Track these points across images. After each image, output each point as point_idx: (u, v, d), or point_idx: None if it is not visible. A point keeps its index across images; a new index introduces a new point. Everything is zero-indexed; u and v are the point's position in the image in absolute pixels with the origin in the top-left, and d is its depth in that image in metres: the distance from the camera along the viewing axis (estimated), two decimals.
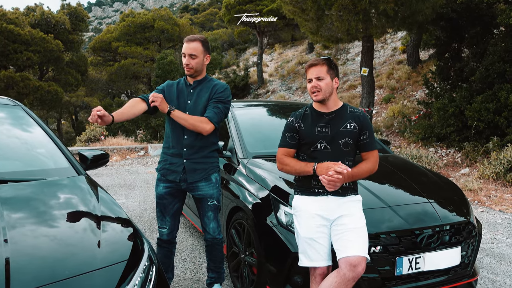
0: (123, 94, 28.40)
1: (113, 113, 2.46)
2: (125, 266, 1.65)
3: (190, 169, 2.70)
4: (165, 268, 2.88)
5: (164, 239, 2.85)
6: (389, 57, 18.05)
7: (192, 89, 2.74)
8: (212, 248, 2.88)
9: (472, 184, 6.57)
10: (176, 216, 2.84)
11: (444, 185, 3.24)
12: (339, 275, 2.17)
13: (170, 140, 2.75)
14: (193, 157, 2.70)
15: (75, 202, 2.08)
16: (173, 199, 2.80)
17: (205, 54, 2.70)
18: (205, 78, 2.78)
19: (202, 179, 2.72)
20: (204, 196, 2.75)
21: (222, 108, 2.67)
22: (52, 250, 1.64)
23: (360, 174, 2.32)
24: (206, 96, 2.69)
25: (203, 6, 72.67)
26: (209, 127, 2.60)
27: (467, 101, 8.04)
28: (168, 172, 2.75)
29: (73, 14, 22.99)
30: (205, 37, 2.80)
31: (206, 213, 2.78)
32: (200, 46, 2.66)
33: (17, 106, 3.05)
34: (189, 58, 2.66)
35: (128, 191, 7.13)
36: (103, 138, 14.11)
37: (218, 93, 2.68)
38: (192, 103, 2.70)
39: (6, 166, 2.43)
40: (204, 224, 2.83)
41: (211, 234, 2.82)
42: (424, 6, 7.85)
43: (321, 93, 2.31)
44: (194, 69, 2.68)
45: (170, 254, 2.90)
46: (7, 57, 18.47)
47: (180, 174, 2.71)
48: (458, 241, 2.68)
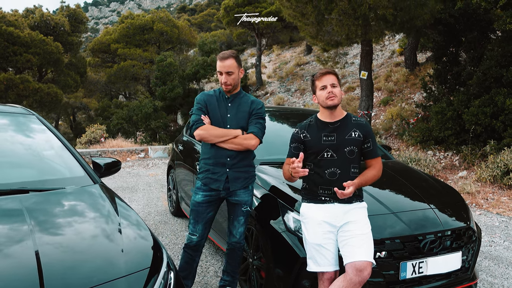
0: (121, 95, 28.44)
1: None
2: (148, 272, 1.75)
3: (232, 178, 2.83)
4: (186, 274, 2.94)
5: (191, 246, 2.91)
6: (387, 59, 18.21)
7: (230, 102, 2.88)
8: (234, 252, 2.96)
9: (469, 187, 6.70)
10: (207, 225, 2.92)
11: (444, 190, 3.36)
12: (346, 280, 2.27)
13: (210, 151, 2.87)
14: (235, 167, 2.83)
15: (95, 211, 2.17)
16: (209, 207, 2.89)
17: (239, 68, 2.85)
18: (240, 92, 2.94)
19: (242, 187, 2.86)
20: (239, 202, 2.87)
21: (263, 124, 2.88)
22: (79, 258, 1.73)
23: (368, 181, 2.44)
24: (246, 111, 2.86)
25: (201, 6, 72.72)
26: (255, 142, 2.80)
27: (465, 105, 8.18)
28: (211, 181, 2.85)
29: (72, 16, 23.02)
30: (236, 52, 2.94)
31: (238, 217, 2.89)
32: (234, 62, 2.80)
33: (32, 114, 3.13)
34: (226, 76, 2.79)
35: (131, 194, 7.21)
36: (103, 140, 14.17)
37: (258, 109, 2.88)
38: (232, 116, 2.85)
39: (25, 175, 2.52)
40: (232, 227, 2.92)
41: (237, 238, 2.91)
42: (423, 12, 7.97)
43: (337, 98, 2.44)
44: (233, 86, 2.84)
45: (193, 262, 2.96)
46: (7, 59, 18.48)
47: (223, 182, 2.83)
48: (459, 246, 2.80)
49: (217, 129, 2.80)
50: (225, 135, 2.78)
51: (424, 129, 9.11)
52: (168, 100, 19.23)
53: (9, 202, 2.06)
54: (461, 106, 8.21)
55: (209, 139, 2.80)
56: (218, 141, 2.79)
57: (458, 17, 8.91)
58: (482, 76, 8.04)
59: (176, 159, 5.36)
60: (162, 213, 5.87)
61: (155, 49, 23.21)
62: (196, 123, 2.83)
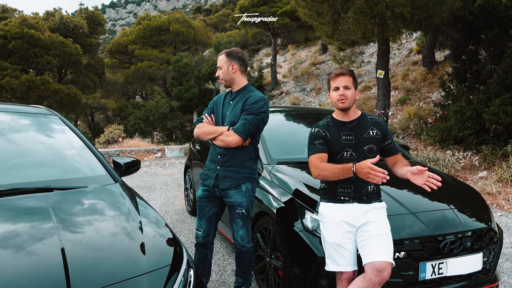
0: (138, 96, 28.82)
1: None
2: (169, 270, 1.79)
3: (221, 176, 2.84)
4: (200, 271, 2.98)
5: (199, 242, 2.96)
6: (404, 58, 17.97)
7: (232, 100, 2.91)
8: (240, 256, 2.96)
9: (490, 188, 6.57)
10: (211, 221, 2.95)
11: (464, 191, 3.31)
12: (365, 280, 2.27)
13: (210, 149, 2.98)
14: (225, 165, 2.84)
15: (116, 209, 2.21)
16: (209, 203, 2.93)
17: (229, 64, 2.86)
18: (244, 88, 2.90)
19: (232, 187, 2.83)
20: (233, 203, 2.86)
21: (250, 119, 2.71)
22: (101, 255, 1.77)
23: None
24: (240, 107, 2.82)
25: (216, 7, 73.06)
26: (232, 138, 2.71)
27: (485, 104, 8.01)
28: (206, 177, 2.94)
29: (91, 18, 23.44)
30: (234, 49, 2.95)
31: (235, 219, 2.89)
32: (224, 57, 2.87)
33: (54, 115, 3.21)
34: (218, 70, 2.92)
35: (148, 193, 7.31)
36: (121, 140, 14.39)
37: (250, 104, 2.76)
38: (228, 114, 2.86)
39: (48, 174, 2.58)
40: (233, 230, 2.94)
41: (238, 241, 2.91)
42: (441, 9, 7.85)
43: (348, 101, 2.42)
44: (225, 80, 2.90)
45: (205, 259, 3.00)
46: (28, 61, 18.96)
47: (213, 180, 2.86)
48: (479, 247, 2.76)
49: (208, 126, 2.89)
50: (212, 132, 2.84)
51: (442, 129, 8.96)
52: (184, 100, 19.40)
53: (35, 200, 2.12)
54: (481, 105, 8.05)
55: (201, 136, 2.91)
56: (208, 138, 2.87)
57: (477, 14, 8.72)
58: (503, 74, 7.86)
59: (193, 158, 5.41)
60: (179, 212, 5.93)
61: (171, 50, 23.44)
62: (196, 122, 2.99)
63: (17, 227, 1.89)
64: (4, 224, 1.89)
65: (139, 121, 18.66)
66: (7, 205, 2.05)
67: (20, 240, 1.77)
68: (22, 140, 2.79)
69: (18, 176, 2.44)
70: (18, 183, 2.30)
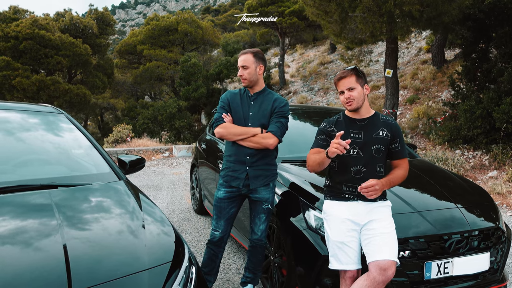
0: (146, 96, 29.00)
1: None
2: (170, 266, 1.79)
3: (252, 176, 2.84)
4: (209, 270, 2.97)
5: (214, 241, 2.94)
6: (413, 57, 17.81)
7: (253, 100, 2.89)
8: (255, 250, 2.97)
9: (500, 188, 6.48)
10: (230, 221, 2.94)
11: (471, 189, 3.26)
12: (369, 279, 2.24)
13: (231, 149, 2.90)
14: (255, 165, 2.84)
15: (120, 207, 2.22)
16: (231, 203, 2.92)
17: (257, 64, 2.84)
18: (264, 90, 2.93)
19: (263, 185, 2.86)
20: (260, 199, 2.88)
21: (284, 122, 2.82)
22: (104, 252, 1.78)
23: (395, 181, 2.41)
24: (268, 109, 2.84)
25: (224, 7, 73.22)
26: (273, 141, 2.77)
27: (495, 103, 7.90)
28: (232, 179, 2.88)
29: (100, 19, 23.65)
30: (259, 51, 2.94)
31: (259, 214, 2.90)
32: (251, 56, 2.84)
33: (61, 113, 3.24)
34: (242, 70, 2.85)
35: (155, 192, 7.35)
36: (129, 139, 14.49)
37: (280, 108, 2.83)
38: (253, 114, 2.85)
39: (53, 171, 2.61)
40: (253, 224, 2.94)
41: (258, 235, 2.92)
42: (451, 7, 7.76)
43: (355, 102, 2.39)
44: (249, 80, 2.84)
45: (216, 258, 2.98)
46: (39, 61, 19.19)
47: (243, 180, 2.85)
48: (487, 247, 2.71)
49: (236, 127, 2.82)
50: (243, 133, 2.80)
51: (452, 128, 8.86)
52: (192, 100, 19.47)
53: (39, 196, 2.14)
54: (491, 104, 7.93)
55: (228, 137, 2.84)
56: (236, 139, 2.81)
57: (488, 12, 8.60)
58: None
59: (199, 157, 5.42)
60: (185, 211, 5.95)
61: (180, 50, 23.54)
62: (217, 121, 2.89)
63: (21, 223, 1.91)
64: (8, 220, 1.91)
65: (147, 120, 18.77)
66: (12, 201, 2.07)
67: (23, 236, 1.78)
68: (28, 138, 2.82)
69: (24, 173, 2.47)
70: (23, 180, 2.32)
